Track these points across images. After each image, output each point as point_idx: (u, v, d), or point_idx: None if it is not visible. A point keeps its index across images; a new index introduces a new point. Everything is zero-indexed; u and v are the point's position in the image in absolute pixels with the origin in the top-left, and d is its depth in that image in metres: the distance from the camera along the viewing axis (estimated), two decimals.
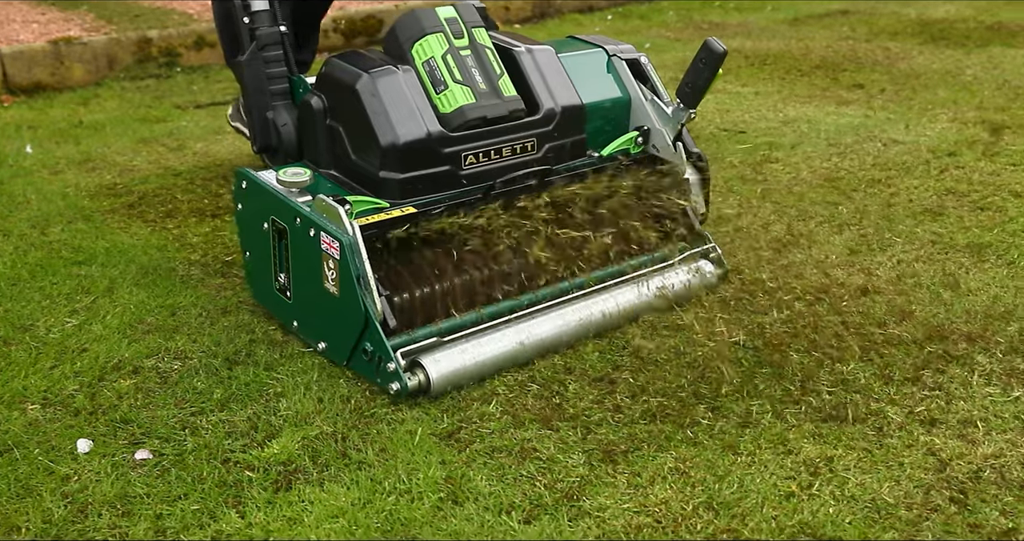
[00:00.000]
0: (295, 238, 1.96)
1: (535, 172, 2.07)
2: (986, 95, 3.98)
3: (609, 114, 2.29)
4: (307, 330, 2.04)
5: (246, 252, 2.17)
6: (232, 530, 1.53)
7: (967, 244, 2.54)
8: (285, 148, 2.21)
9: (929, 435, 1.74)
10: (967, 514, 1.54)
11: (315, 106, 2.10)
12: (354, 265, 1.82)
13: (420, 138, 1.97)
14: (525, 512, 1.56)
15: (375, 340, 1.85)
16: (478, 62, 2.07)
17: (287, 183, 1.96)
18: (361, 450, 1.73)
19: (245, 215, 2.13)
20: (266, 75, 2.25)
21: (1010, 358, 1.98)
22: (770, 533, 1.51)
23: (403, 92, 1.99)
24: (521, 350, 1.96)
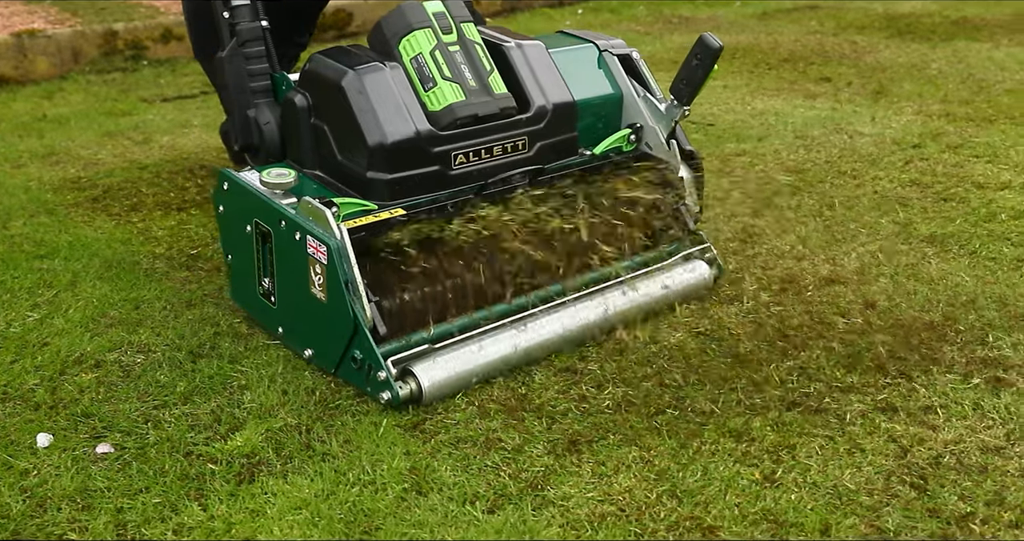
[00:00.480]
0: (280, 242, 1.89)
1: (527, 172, 2.02)
2: (951, 88, 4.02)
3: (601, 111, 2.22)
4: (293, 337, 1.97)
5: (228, 255, 2.10)
6: (194, 523, 1.52)
7: (930, 234, 2.56)
8: (268, 147, 2.13)
9: (890, 422, 1.75)
10: (926, 499, 1.55)
11: (299, 104, 2.03)
12: (342, 270, 1.76)
13: (409, 137, 1.91)
14: (489, 502, 1.56)
15: (365, 348, 1.79)
16: (467, 58, 2.01)
17: (271, 184, 1.89)
18: (325, 442, 1.72)
19: (227, 217, 2.06)
20: (247, 72, 2.17)
21: (971, 347, 2.00)
22: (733, 520, 1.51)
23: (391, 89, 1.93)
24: (516, 356, 1.90)
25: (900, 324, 2.08)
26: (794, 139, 3.40)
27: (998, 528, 1.48)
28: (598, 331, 2.01)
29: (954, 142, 3.32)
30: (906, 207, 2.75)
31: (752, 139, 3.39)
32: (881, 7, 5.94)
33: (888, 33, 5.18)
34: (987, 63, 4.44)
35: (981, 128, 3.47)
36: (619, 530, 1.49)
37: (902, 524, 1.50)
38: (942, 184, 2.92)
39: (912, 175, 3.01)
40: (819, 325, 2.08)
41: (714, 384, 1.87)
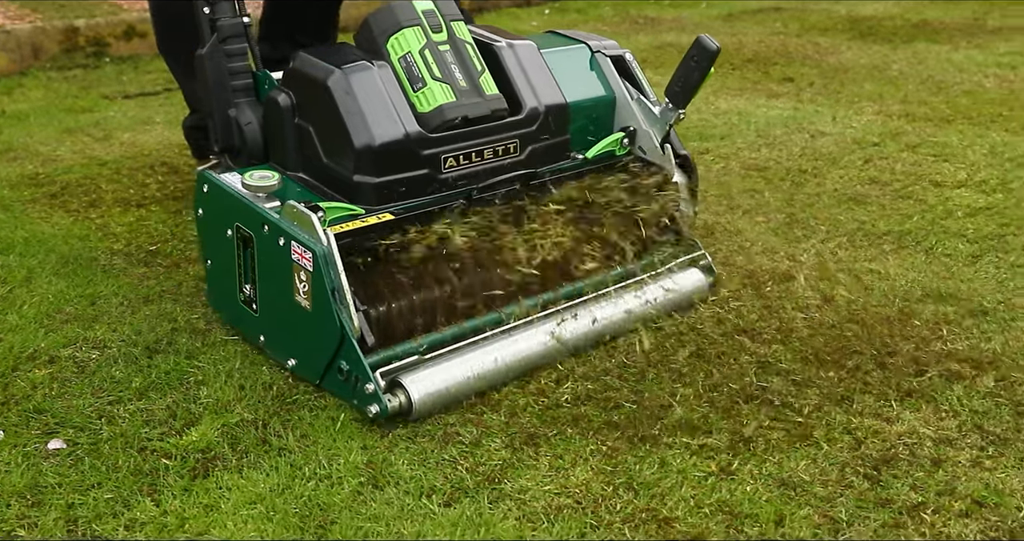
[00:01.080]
0: (262, 247, 1.82)
1: (519, 176, 1.96)
2: (910, 89, 4.06)
3: (593, 114, 2.16)
4: (275, 346, 1.90)
5: (207, 260, 2.03)
6: (146, 518, 1.49)
7: (888, 231, 2.58)
8: (249, 149, 2.04)
9: (846, 415, 1.76)
10: (879, 490, 1.57)
11: (282, 104, 1.94)
12: (328, 277, 1.69)
13: (397, 139, 1.84)
14: (446, 495, 1.55)
15: (352, 359, 1.72)
16: (458, 58, 1.95)
17: (253, 187, 1.81)
18: (282, 436, 1.70)
19: (207, 221, 1.99)
20: (228, 70, 2.07)
21: (926, 340, 2.01)
22: (688, 512, 1.52)
23: (379, 89, 1.86)
24: (510, 366, 1.83)
25: (857, 319, 2.09)
26: (756, 138, 3.42)
27: (949, 517, 1.50)
28: (593, 340, 1.96)
29: (913, 141, 3.35)
30: (865, 204, 2.78)
31: (715, 138, 3.40)
32: (844, 9, 6.00)
33: (850, 35, 5.23)
34: (946, 65, 4.50)
35: (939, 128, 3.51)
36: (575, 522, 1.49)
37: (855, 514, 1.51)
38: (900, 182, 2.95)
39: (871, 173, 3.04)
40: (778, 320, 2.09)
41: (672, 378, 1.88)
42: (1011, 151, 3.22)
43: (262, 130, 2.03)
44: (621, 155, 2.16)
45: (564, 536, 1.46)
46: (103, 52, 4.41)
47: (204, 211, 1.99)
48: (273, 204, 1.81)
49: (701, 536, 1.46)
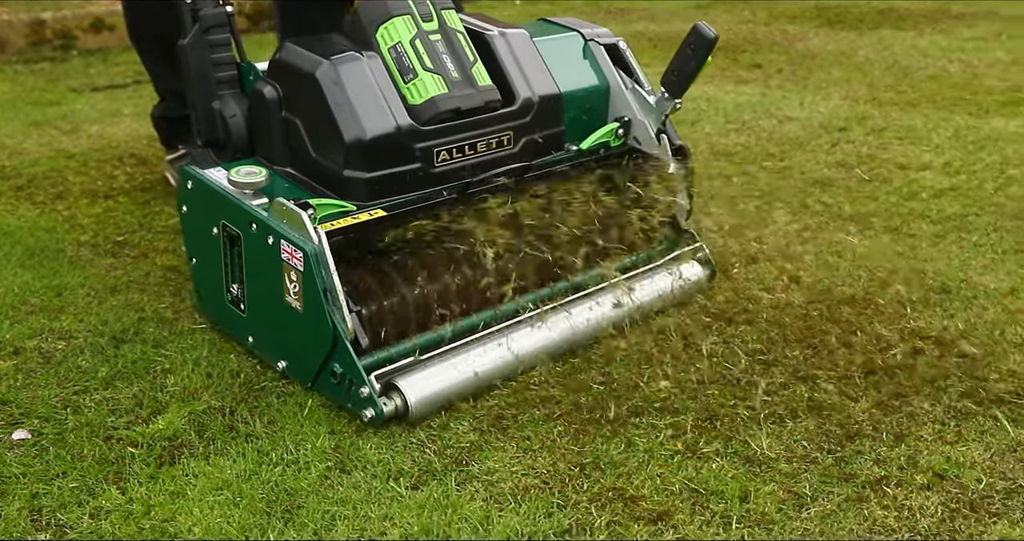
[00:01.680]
0: (250, 246, 1.76)
1: (513, 169, 1.90)
2: (876, 75, 4.08)
3: (586, 104, 2.09)
4: (264, 347, 1.84)
5: (192, 259, 1.97)
6: (111, 506, 1.48)
7: (854, 213, 2.60)
8: (234, 143, 1.97)
9: (811, 392, 1.77)
10: (843, 465, 1.57)
11: (268, 96, 1.87)
12: (320, 277, 1.62)
13: (388, 132, 1.76)
14: (413, 478, 1.55)
15: (345, 361, 1.65)
16: (449, 47, 1.88)
17: (240, 184, 1.74)
18: (249, 423, 1.69)
19: (191, 218, 1.92)
20: (211, 61, 2.00)
21: (889, 318, 2.03)
22: (655, 490, 1.52)
23: (369, 81, 1.78)
24: (508, 365, 1.78)
25: (823, 299, 2.10)
26: (725, 123, 3.42)
27: (911, 490, 1.51)
28: (592, 336, 1.91)
29: (879, 125, 3.37)
30: (831, 187, 2.79)
31: (685, 124, 3.41)
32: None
33: (818, 22, 5.25)
34: (911, 51, 4.52)
35: (905, 112, 3.53)
36: (542, 502, 1.48)
37: (819, 489, 1.52)
38: (866, 165, 2.97)
39: (838, 157, 3.06)
40: (744, 301, 2.10)
41: (640, 360, 1.88)
42: (974, 134, 3.25)
43: (247, 123, 1.96)
44: (616, 146, 2.10)
45: (531, 516, 1.45)
46: (71, 45, 4.36)
47: (188, 208, 1.91)
48: (261, 201, 1.75)
49: (667, 513, 1.46)
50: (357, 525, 1.44)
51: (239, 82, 2.02)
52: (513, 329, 1.83)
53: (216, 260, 1.85)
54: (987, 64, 4.24)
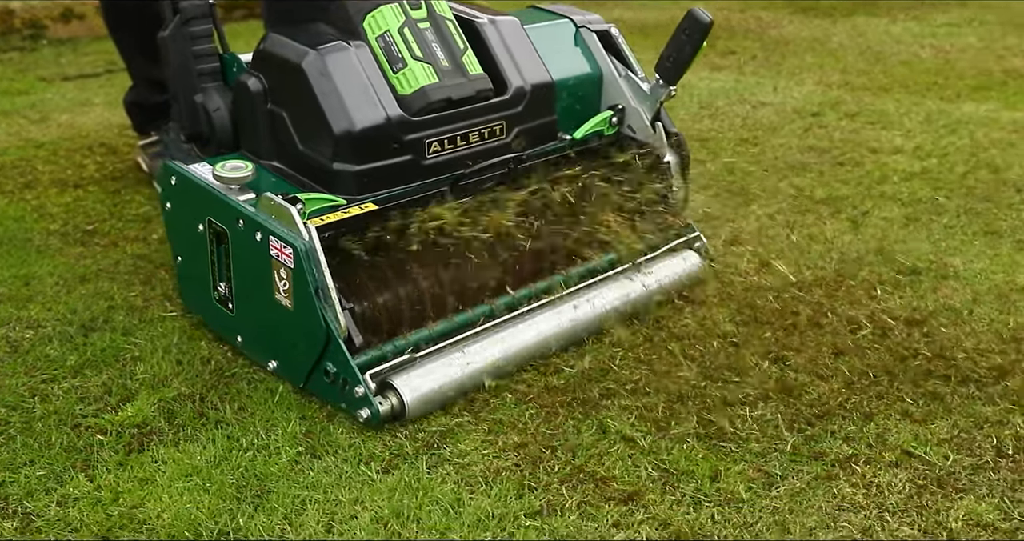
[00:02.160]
0: (237, 243, 1.69)
1: (506, 160, 1.85)
2: (850, 60, 4.09)
3: (579, 92, 2.04)
4: (254, 347, 1.78)
5: (177, 257, 1.90)
6: (79, 493, 1.46)
7: (826, 197, 2.60)
8: (218, 137, 1.91)
9: (781, 372, 1.77)
10: (812, 443, 1.58)
11: (252, 88, 1.81)
12: (311, 275, 1.57)
13: (378, 124, 1.71)
14: (384, 462, 1.54)
15: (339, 360, 1.60)
16: (439, 36, 1.83)
17: (225, 179, 1.68)
18: (219, 409, 1.67)
19: (175, 216, 1.85)
20: (193, 53, 1.94)
21: (859, 299, 2.03)
22: (625, 471, 1.52)
23: (357, 71, 1.73)
24: (505, 361, 1.74)
25: (794, 281, 2.10)
26: (699, 109, 3.42)
27: (879, 468, 1.51)
28: (589, 329, 1.87)
29: (851, 110, 3.38)
30: (804, 172, 2.79)
31: None
32: None
33: (792, 9, 5.25)
34: (884, 37, 4.54)
35: (877, 97, 3.55)
36: (513, 484, 1.48)
37: (788, 468, 1.52)
38: (839, 149, 2.98)
39: (810, 142, 3.06)
40: (717, 284, 2.10)
41: (612, 343, 1.87)
42: (945, 118, 3.26)
43: (231, 116, 1.91)
44: (610, 135, 2.05)
45: (502, 497, 1.45)
46: (40, 34, 4.30)
47: (172, 205, 1.85)
48: (247, 196, 1.69)
49: (638, 494, 1.46)
50: (327, 509, 1.43)
51: (222, 74, 1.97)
52: (510, 323, 1.79)
53: (202, 258, 1.79)
54: (959, 50, 4.26)
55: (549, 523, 1.40)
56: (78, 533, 1.38)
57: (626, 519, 1.41)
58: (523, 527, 1.39)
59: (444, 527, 1.39)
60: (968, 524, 1.40)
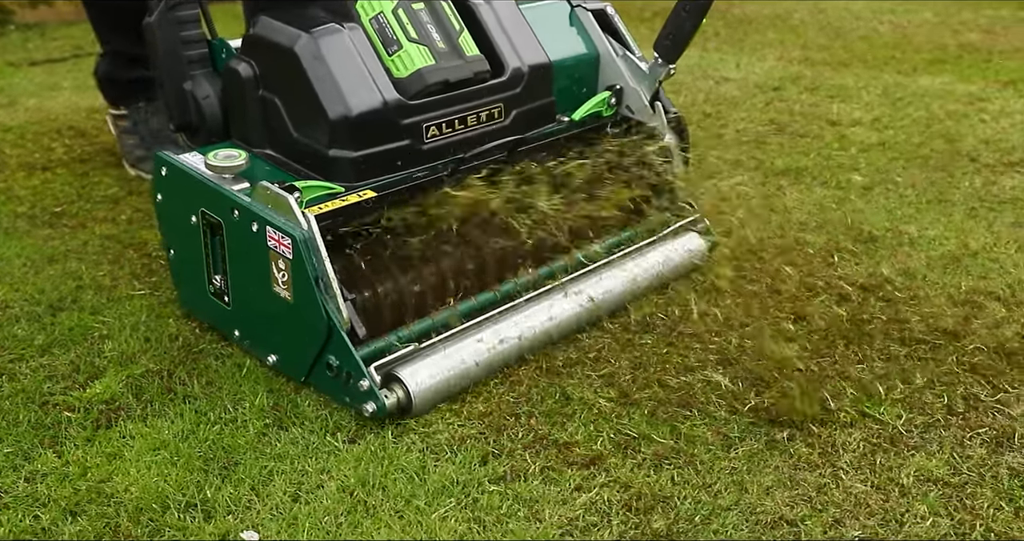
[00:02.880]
0: (233, 234, 1.63)
1: (505, 143, 1.79)
2: (810, 36, 4.10)
3: (575, 73, 1.98)
4: (253, 340, 1.71)
5: (169, 250, 1.82)
6: (47, 469, 1.45)
7: (786, 168, 2.61)
8: (208, 125, 1.84)
9: (740, 339, 1.78)
10: (770, 407, 1.58)
11: (243, 74, 1.73)
12: (311, 265, 1.50)
13: (375, 108, 1.64)
14: (351, 432, 1.53)
15: (342, 353, 1.54)
16: (434, 17, 1.76)
17: (218, 168, 1.61)
18: (187, 385, 1.66)
19: (167, 207, 1.77)
20: (180, 39, 1.85)
21: (818, 266, 2.04)
22: (587, 437, 1.52)
23: (352, 54, 1.66)
24: (514, 348, 1.68)
25: (753, 250, 2.11)
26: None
27: (834, 428, 1.52)
28: (596, 315, 1.81)
29: (811, 84, 3.39)
30: (765, 144, 2.80)
31: None
32: None
33: None
34: (844, 13, 4.55)
35: (836, 71, 3.55)
36: (477, 451, 1.48)
37: (747, 430, 1.53)
38: (799, 123, 2.99)
39: (772, 115, 3.07)
40: None
41: None
42: (902, 91, 3.28)
43: (221, 104, 1.83)
44: (608, 116, 2.00)
45: (466, 464, 1.45)
46: (7, 19, 4.23)
47: (163, 197, 1.77)
48: (242, 186, 1.62)
49: (599, 458, 1.47)
50: (294, 479, 1.43)
51: (211, 61, 1.89)
52: (516, 311, 1.73)
53: (196, 250, 1.72)
54: (916, 25, 4.28)
55: (512, 488, 1.40)
56: (46, 508, 1.37)
57: (588, 482, 1.41)
58: (487, 492, 1.39)
59: (409, 494, 1.39)
60: (919, 480, 1.41)
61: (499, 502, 1.37)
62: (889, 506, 1.36)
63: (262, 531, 1.32)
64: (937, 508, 1.35)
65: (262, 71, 1.74)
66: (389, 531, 1.32)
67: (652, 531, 1.32)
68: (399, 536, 1.31)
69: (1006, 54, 3.75)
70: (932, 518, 1.33)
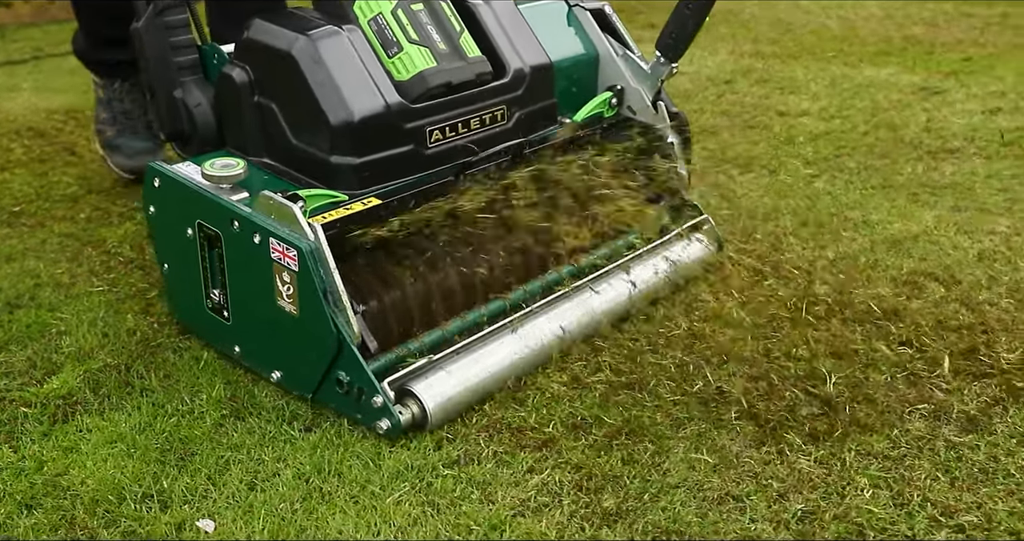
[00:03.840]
0: (232, 246, 1.54)
1: (510, 147, 1.72)
2: (761, 30, 4.13)
3: (574, 74, 1.92)
4: (254, 357, 1.62)
5: (163, 265, 1.73)
6: (3, 465, 1.42)
7: (736, 157, 2.62)
8: (201, 134, 1.75)
9: (688, 321, 1.79)
10: (719, 386, 1.59)
11: (238, 80, 1.65)
12: (319, 277, 1.42)
13: (378, 112, 1.56)
14: (308, 421, 1.52)
15: (353, 369, 1.46)
16: (433, 18, 1.69)
17: (216, 178, 1.52)
18: (145, 378, 1.64)
19: (160, 219, 1.68)
20: (170, 45, 1.76)
21: (764, 252, 2.06)
22: (541, 421, 1.51)
23: (352, 57, 1.58)
24: (530, 356, 1.62)
25: None
26: None
27: (780, 406, 1.54)
28: (612, 318, 1.76)
29: (762, 77, 3.41)
30: (716, 135, 2.81)
31: None
32: None
33: None
34: (794, 8, 4.58)
35: (786, 64, 3.58)
36: (431, 437, 1.48)
37: (695, 410, 1.54)
38: (749, 114, 3.00)
39: (723, 107, 3.08)
40: None
41: None
42: (848, 82, 3.31)
43: (215, 111, 1.75)
44: (610, 117, 1.94)
45: (421, 450, 1.45)
46: None
47: (156, 209, 1.67)
48: (240, 196, 1.54)
49: (552, 440, 1.47)
50: (251, 468, 1.41)
51: (202, 67, 1.81)
52: (527, 318, 1.66)
53: (192, 264, 1.63)
54: (863, 18, 4.32)
55: (466, 471, 1.40)
56: (1, 502, 1.34)
57: (540, 465, 1.41)
58: (441, 476, 1.39)
59: (364, 480, 1.38)
60: (860, 454, 1.43)
61: (453, 485, 1.37)
62: (831, 480, 1.37)
63: (218, 519, 1.31)
64: (877, 481, 1.37)
65: (258, 76, 1.65)
66: (344, 516, 1.31)
67: (602, 510, 1.32)
68: (354, 521, 1.30)
69: (948, 46, 3.80)
70: (872, 490, 1.35)
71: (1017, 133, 2.75)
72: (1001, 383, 1.58)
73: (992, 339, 1.70)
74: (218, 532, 1.29)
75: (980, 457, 1.41)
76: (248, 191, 1.55)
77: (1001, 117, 2.89)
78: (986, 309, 1.80)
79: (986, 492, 1.34)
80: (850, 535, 1.27)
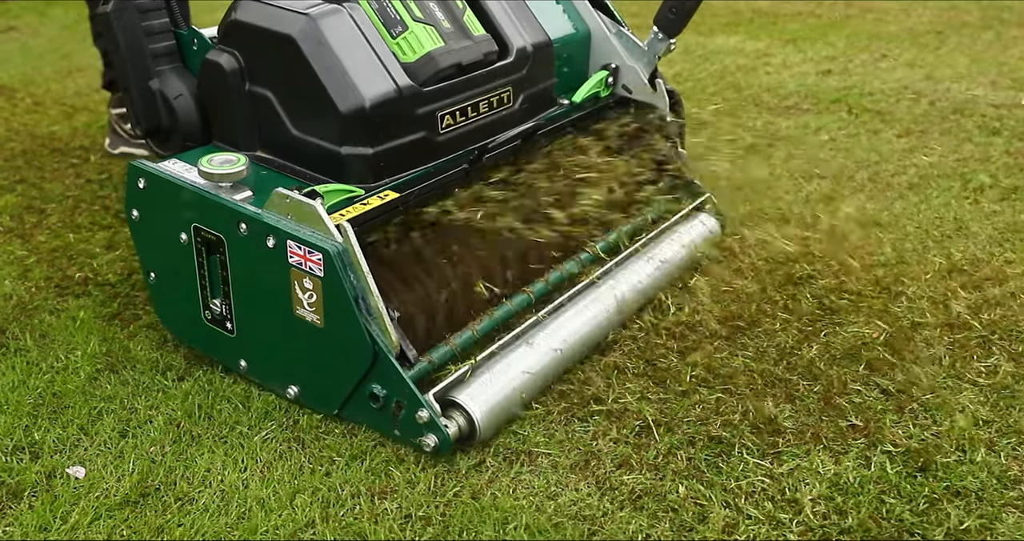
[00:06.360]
0: (238, 251, 1.31)
1: (523, 132, 1.53)
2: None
3: (565, 53, 1.72)
4: (265, 372, 1.39)
5: (149, 274, 1.48)
6: None
7: None
8: (183, 128, 1.50)
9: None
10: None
11: (226, 67, 1.40)
12: (348, 282, 1.20)
13: (389, 97, 1.34)
14: (181, 371, 1.48)
15: (391, 381, 1.24)
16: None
17: (216, 176, 1.29)
18: (20, 339, 1.56)
19: (146, 225, 1.43)
20: (143, 30, 1.51)
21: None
22: None
23: (358, 37, 1.36)
24: (567, 355, 1.41)
25: None
26: None
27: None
28: (637, 304, 1.57)
29: None
30: None
31: None
32: None
33: None
34: None
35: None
36: None
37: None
38: None
39: None
40: None
41: None
42: (701, 49, 3.37)
43: (198, 103, 1.50)
44: (605, 96, 1.76)
45: None
46: None
47: (141, 213, 1.43)
48: (244, 195, 1.31)
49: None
50: (123, 417, 1.37)
51: (180, 54, 1.56)
52: (558, 312, 1.47)
53: (187, 273, 1.39)
54: None
55: None
56: None
57: None
58: (307, 414, 1.37)
59: (234, 421, 1.35)
60: None
61: (318, 422, 1.35)
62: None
63: (89, 465, 1.27)
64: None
65: (249, 62, 1.41)
66: (212, 455, 1.28)
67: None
68: (221, 459, 1.28)
69: (788, 17, 3.90)
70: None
71: (844, 91, 2.84)
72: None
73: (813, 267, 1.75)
74: (88, 477, 1.24)
75: None
76: (252, 190, 1.33)
77: (831, 78, 2.99)
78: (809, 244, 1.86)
79: None
80: None
